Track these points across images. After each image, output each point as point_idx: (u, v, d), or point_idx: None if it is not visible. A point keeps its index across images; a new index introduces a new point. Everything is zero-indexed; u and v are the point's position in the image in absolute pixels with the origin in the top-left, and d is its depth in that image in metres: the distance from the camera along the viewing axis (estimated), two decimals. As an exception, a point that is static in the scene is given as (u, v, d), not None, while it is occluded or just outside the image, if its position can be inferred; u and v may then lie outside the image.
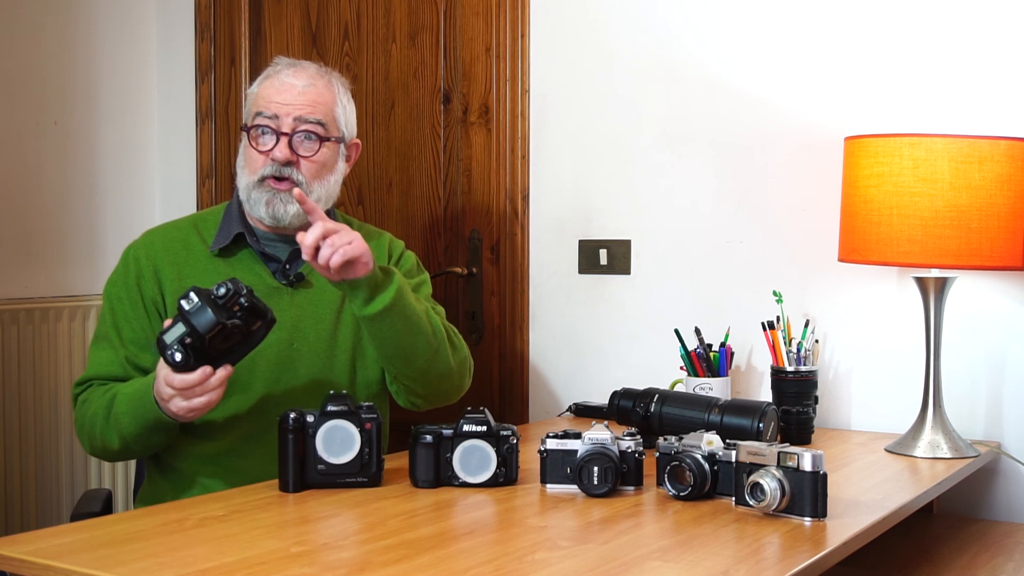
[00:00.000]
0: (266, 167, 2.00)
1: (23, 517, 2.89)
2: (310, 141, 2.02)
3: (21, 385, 2.90)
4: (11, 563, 1.38)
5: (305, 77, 2.05)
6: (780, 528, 1.52)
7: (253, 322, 1.77)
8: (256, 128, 2.02)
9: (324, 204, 2.05)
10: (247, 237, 2.05)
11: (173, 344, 1.70)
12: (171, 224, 2.15)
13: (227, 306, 1.72)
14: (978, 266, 2.01)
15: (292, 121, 2.01)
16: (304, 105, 2.02)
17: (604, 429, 1.71)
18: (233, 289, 1.72)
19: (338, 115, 2.07)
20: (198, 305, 1.70)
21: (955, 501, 2.24)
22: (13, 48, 2.96)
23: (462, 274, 2.76)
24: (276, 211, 2.00)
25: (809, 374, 2.18)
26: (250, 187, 2.02)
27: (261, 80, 2.08)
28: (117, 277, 2.06)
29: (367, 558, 1.39)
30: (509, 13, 2.70)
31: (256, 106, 2.04)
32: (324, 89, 2.05)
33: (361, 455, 1.72)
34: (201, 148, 3.22)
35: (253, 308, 1.75)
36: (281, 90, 2.03)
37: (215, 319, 1.69)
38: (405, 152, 2.87)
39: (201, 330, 1.69)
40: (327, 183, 2.05)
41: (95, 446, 1.96)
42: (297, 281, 2.05)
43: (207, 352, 1.73)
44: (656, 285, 2.56)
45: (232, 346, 1.76)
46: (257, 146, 2.02)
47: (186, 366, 1.72)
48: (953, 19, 2.23)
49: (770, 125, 2.42)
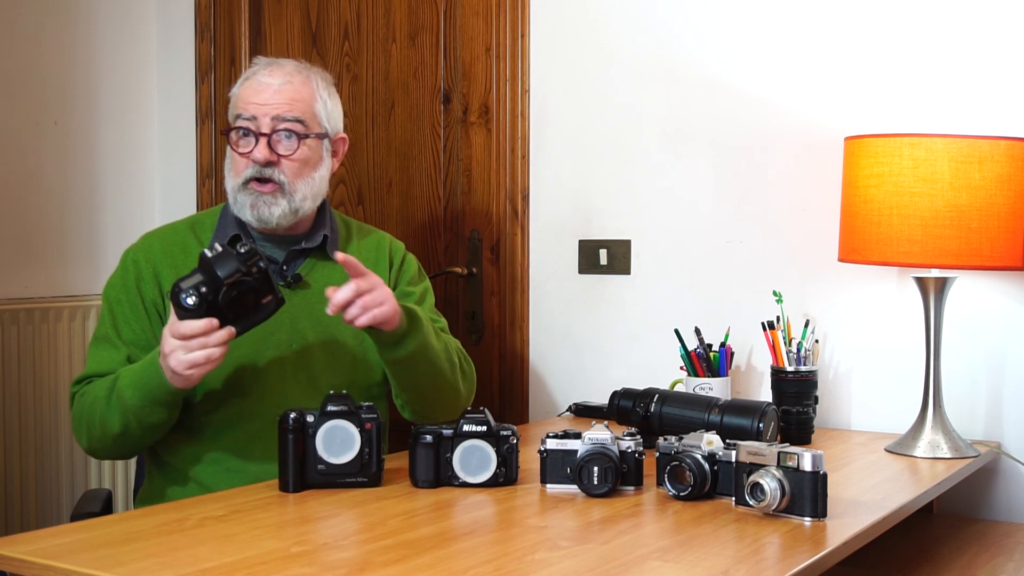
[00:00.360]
0: (248, 169, 2.00)
1: (23, 517, 2.89)
2: (289, 140, 2.01)
3: (21, 385, 2.90)
4: (11, 563, 1.38)
5: (281, 75, 2.03)
6: (780, 528, 1.52)
7: (265, 292, 1.80)
8: (236, 131, 2.02)
9: (312, 202, 2.04)
10: (243, 239, 2.04)
11: (188, 289, 1.74)
12: (168, 227, 2.15)
13: (247, 262, 1.77)
14: (978, 266, 2.01)
15: (270, 121, 1.99)
16: (281, 104, 2.00)
17: (604, 429, 1.71)
18: (253, 249, 1.78)
19: (318, 111, 2.05)
20: (220, 253, 1.75)
21: (955, 501, 2.24)
22: (13, 48, 2.96)
23: (462, 274, 2.76)
24: (261, 213, 2.00)
25: (809, 374, 2.18)
26: (236, 190, 2.02)
27: (241, 82, 2.07)
28: (116, 280, 2.06)
29: (367, 558, 1.39)
30: (509, 13, 2.70)
31: (236, 108, 2.04)
32: (301, 86, 2.04)
33: (361, 455, 1.72)
34: (201, 148, 3.22)
35: (267, 276, 1.79)
36: (258, 90, 2.01)
37: (236, 266, 1.74)
38: (405, 152, 2.87)
39: (221, 275, 1.74)
40: (311, 181, 2.04)
41: (93, 435, 1.94)
42: (295, 282, 2.05)
43: (218, 307, 1.75)
44: (656, 285, 2.56)
45: (241, 310, 1.78)
46: (238, 148, 2.02)
47: (196, 312, 1.74)
48: (953, 19, 2.23)
49: (770, 125, 2.42)
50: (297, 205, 2.01)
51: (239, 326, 1.79)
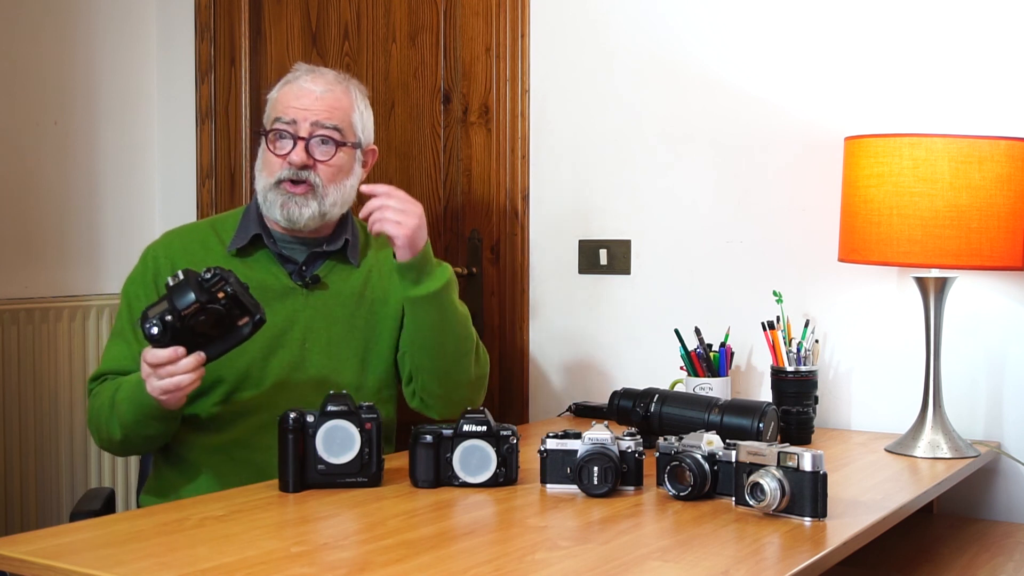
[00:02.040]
0: (283, 170, 2.04)
1: (23, 517, 2.89)
2: (326, 146, 2.05)
3: (21, 385, 2.90)
4: (11, 563, 1.38)
5: (323, 83, 2.08)
6: (780, 528, 1.52)
7: (238, 315, 1.77)
8: (274, 132, 2.06)
9: (340, 208, 2.09)
10: (264, 238, 2.09)
11: (153, 318, 1.73)
12: (190, 225, 2.21)
13: (210, 290, 1.73)
14: (978, 266, 2.01)
15: (309, 126, 2.04)
16: (322, 111, 2.05)
17: (604, 429, 1.71)
18: (220, 275, 1.74)
19: (355, 121, 2.10)
20: (181, 282, 1.73)
21: (955, 501, 2.24)
22: (13, 48, 2.96)
23: (462, 274, 2.76)
24: (291, 213, 2.04)
25: (809, 374, 2.18)
26: (267, 189, 2.06)
27: (280, 86, 2.11)
28: (136, 276, 2.11)
29: (367, 558, 1.39)
30: (509, 13, 2.70)
31: (275, 111, 2.08)
32: (342, 95, 2.09)
33: (361, 455, 1.72)
34: (201, 148, 3.22)
35: (238, 300, 1.76)
36: (300, 95, 2.06)
37: (194, 298, 1.71)
38: (405, 152, 2.87)
39: (179, 306, 1.71)
40: (343, 187, 2.08)
41: (102, 437, 2.00)
42: (313, 283, 2.09)
43: (185, 333, 1.73)
44: (656, 285, 2.56)
45: (212, 335, 1.76)
46: (275, 150, 2.06)
47: (160, 341, 1.73)
48: (953, 19, 2.23)
49: (770, 125, 2.42)
50: (327, 209, 2.06)
51: (212, 350, 1.78)
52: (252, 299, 1.79)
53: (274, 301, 2.04)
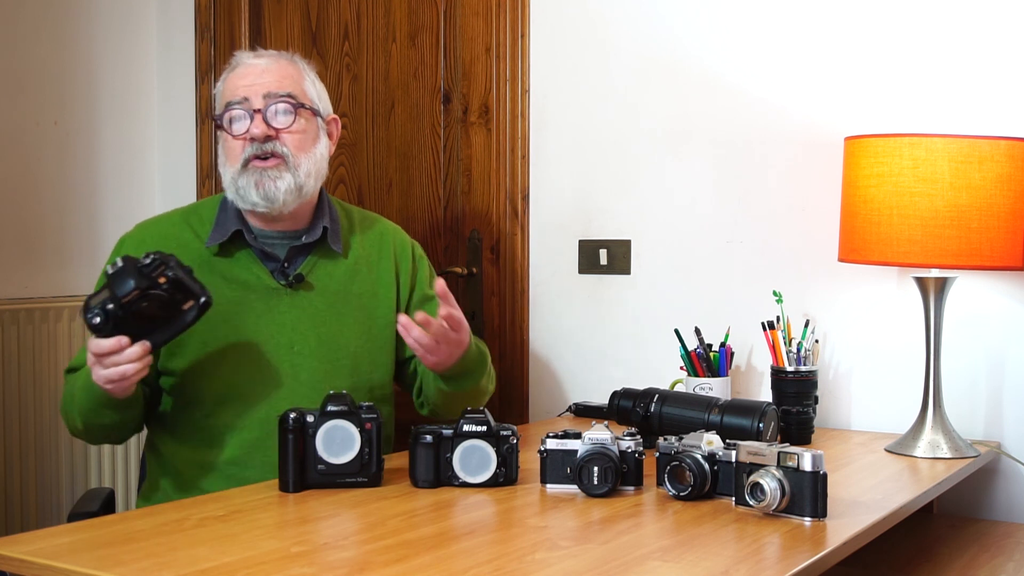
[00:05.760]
0: (247, 149, 1.97)
1: (23, 517, 2.89)
2: (285, 115, 1.99)
3: (21, 385, 2.90)
4: (11, 563, 1.38)
5: (267, 58, 2.04)
6: (780, 528, 1.52)
7: (181, 299, 1.75)
8: (228, 115, 1.99)
9: (315, 180, 2.02)
10: (245, 235, 2.02)
11: (95, 307, 1.71)
12: (163, 217, 2.12)
13: (151, 275, 1.71)
14: (978, 266, 2.01)
15: (262, 99, 1.98)
16: (271, 81, 1.99)
17: (604, 429, 1.71)
18: (159, 260, 1.72)
19: (307, 88, 2.04)
20: (120, 269, 1.70)
21: (955, 501, 2.24)
22: (13, 48, 2.96)
23: (462, 274, 2.76)
24: (268, 190, 1.96)
25: (809, 374, 2.18)
26: (236, 176, 1.98)
27: (224, 75, 2.06)
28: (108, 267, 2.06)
29: (367, 558, 1.39)
30: (509, 13, 2.70)
31: (224, 97, 2.02)
32: (287, 64, 2.04)
33: (361, 455, 1.72)
34: (201, 148, 3.22)
35: (180, 283, 1.73)
36: (245, 74, 2.01)
37: (134, 284, 1.69)
38: (405, 152, 2.87)
39: (119, 293, 1.69)
40: (313, 156, 2.01)
41: (70, 426, 1.98)
42: (296, 282, 2.02)
43: (128, 321, 1.71)
44: (656, 285, 2.56)
45: (157, 322, 1.75)
46: (233, 132, 1.99)
47: (102, 330, 1.71)
48: (953, 19, 2.23)
49: (770, 125, 2.42)
50: (301, 181, 1.98)
51: (157, 337, 1.76)
52: (196, 282, 1.76)
53: (257, 302, 1.99)
